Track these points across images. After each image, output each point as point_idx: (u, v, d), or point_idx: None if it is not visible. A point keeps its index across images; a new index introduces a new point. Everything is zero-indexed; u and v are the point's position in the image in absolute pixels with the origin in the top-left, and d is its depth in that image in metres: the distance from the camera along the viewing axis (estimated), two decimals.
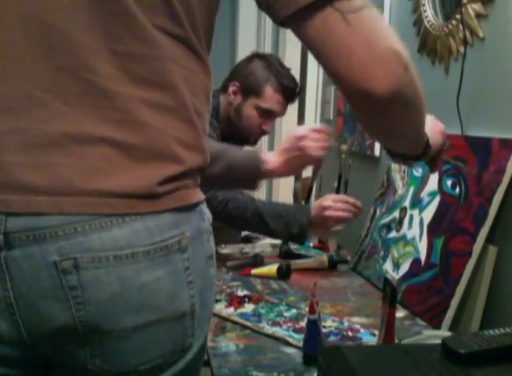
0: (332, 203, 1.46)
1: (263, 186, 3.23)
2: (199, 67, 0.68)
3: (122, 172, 0.62)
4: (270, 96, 1.62)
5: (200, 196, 0.71)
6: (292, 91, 1.66)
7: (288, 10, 0.61)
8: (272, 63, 1.65)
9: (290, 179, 3.05)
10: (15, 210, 0.59)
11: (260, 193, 3.25)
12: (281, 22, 0.64)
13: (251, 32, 3.12)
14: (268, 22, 3.13)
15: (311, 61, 2.66)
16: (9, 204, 0.59)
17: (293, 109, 3.11)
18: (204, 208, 0.72)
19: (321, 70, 2.55)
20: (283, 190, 3.13)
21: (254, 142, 1.76)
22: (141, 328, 0.64)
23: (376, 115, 0.69)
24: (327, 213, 1.45)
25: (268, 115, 1.65)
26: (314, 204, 1.52)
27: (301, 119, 3.16)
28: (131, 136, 0.62)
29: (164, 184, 0.64)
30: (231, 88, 1.66)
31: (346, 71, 0.62)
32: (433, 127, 0.93)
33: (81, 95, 0.60)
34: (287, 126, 2.99)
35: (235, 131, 1.68)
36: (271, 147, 3.23)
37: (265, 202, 1.60)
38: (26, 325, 0.61)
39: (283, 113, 1.70)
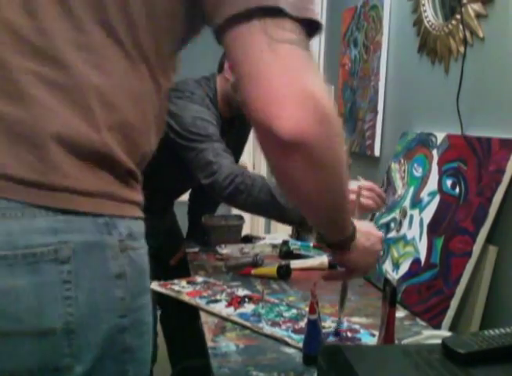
0: (357, 188, 1.39)
1: None
2: (126, 64, 0.62)
3: None
4: None
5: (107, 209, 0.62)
6: None
7: (221, 19, 0.59)
8: None
9: None
10: None
11: None
12: (216, 35, 0.61)
13: None
14: None
15: None
16: None
17: None
18: (118, 222, 0.62)
19: (320, 70, 2.55)
20: None
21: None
22: None
23: (279, 162, 0.63)
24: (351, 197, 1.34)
25: None
26: None
27: None
28: (17, 110, 0.57)
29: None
30: (227, 64, 1.62)
31: (253, 99, 0.59)
32: (369, 246, 0.92)
33: None
34: None
35: (233, 114, 1.64)
36: None
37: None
38: None
39: None
